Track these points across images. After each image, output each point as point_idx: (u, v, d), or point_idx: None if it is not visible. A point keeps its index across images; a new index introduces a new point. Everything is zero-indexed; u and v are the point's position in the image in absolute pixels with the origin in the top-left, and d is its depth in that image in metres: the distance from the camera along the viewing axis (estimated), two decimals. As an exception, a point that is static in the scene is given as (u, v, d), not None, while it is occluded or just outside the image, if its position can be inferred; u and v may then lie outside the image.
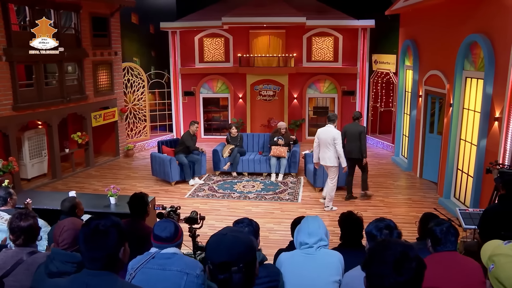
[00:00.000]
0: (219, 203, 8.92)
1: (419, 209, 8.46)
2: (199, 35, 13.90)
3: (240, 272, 1.69)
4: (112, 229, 1.92)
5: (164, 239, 2.93)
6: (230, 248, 1.70)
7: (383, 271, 1.66)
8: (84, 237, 1.91)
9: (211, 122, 14.71)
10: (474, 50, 7.74)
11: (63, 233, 2.75)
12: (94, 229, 1.90)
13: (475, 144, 7.70)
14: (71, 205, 4.55)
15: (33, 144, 10.30)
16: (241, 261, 1.69)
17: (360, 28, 13.30)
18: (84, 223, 1.97)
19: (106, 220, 1.94)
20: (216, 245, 1.72)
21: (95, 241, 1.89)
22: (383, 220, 3.00)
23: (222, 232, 1.78)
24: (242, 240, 1.74)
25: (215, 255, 1.70)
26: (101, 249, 1.89)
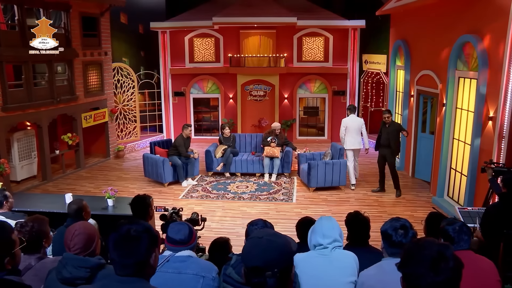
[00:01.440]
0: (214, 203, 8.88)
1: (413, 208, 8.55)
2: (189, 35, 13.82)
3: (275, 277, 1.66)
4: (144, 235, 1.86)
5: (178, 241, 2.88)
6: (264, 252, 1.67)
7: (420, 271, 1.65)
8: (115, 243, 1.85)
9: (201, 122, 14.63)
10: (467, 50, 7.83)
11: (74, 238, 2.68)
12: (126, 235, 1.84)
13: (469, 143, 7.78)
14: (77, 207, 4.47)
15: (23, 146, 10.12)
16: (275, 266, 1.66)
17: (350, 28, 13.36)
18: (115, 228, 1.91)
19: (137, 225, 1.88)
20: (251, 249, 1.69)
21: (126, 247, 1.83)
22: (398, 219, 3.00)
23: (258, 235, 1.75)
24: (278, 244, 1.71)
25: (249, 259, 1.67)
26: (132, 256, 1.83)
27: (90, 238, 2.72)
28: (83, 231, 2.71)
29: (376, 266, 2.95)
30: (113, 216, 5.79)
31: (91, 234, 2.74)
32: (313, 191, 9.46)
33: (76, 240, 2.67)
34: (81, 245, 2.67)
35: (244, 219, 8.05)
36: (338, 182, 9.49)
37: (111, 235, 1.88)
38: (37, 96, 9.75)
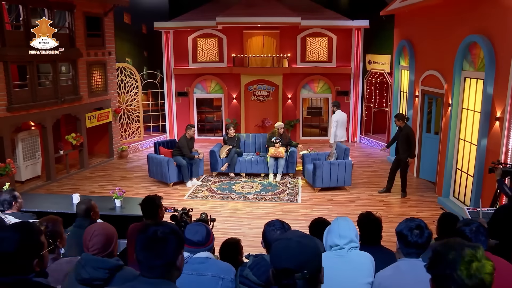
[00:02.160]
0: (219, 204, 8.86)
1: (419, 209, 8.54)
2: (192, 35, 13.80)
3: (304, 278, 1.65)
4: (171, 237, 1.85)
5: (196, 243, 2.87)
6: (294, 254, 1.66)
7: (452, 272, 1.64)
8: (142, 245, 1.83)
9: (204, 122, 14.62)
10: (473, 50, 7.82)
11: (93, 238, 2.67)
12: (153, 237, 1.83)
13: (475, 143, 7.77)
14: (86, 207, 4.46)
15: (27, 146, 10.10)
16: (305, 267, 1.65)
17: (354, 28, 13.35)
18: (141, 229, 1.90)
19: (164, 227, 1.87)
20: (280, 250, 1.68)
21: (154, 249, 1.82)
22: (413, 219, 2.98)
23: (287, 237, 1.73)
24: (308, 246, 1.70)
25: (278, 261, 1.66)
26: (160, 257, 1.82)
27: (108, 239, 2.71)
28: (102, 231, 2.70)
29: (392, 266, 2.94)
30: (121, 217, 5.77)
31: (109, 235, 2.73)
32: (318, 191, 9.44)
33: (95, 240, 2.66)
34: (99, 246, 2.66)
35: (250, 219, 8.06)
36: (343, 182, 9.48)
37: (137, 237, 1.87)
38: (42, 96, 9.73)
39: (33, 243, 1.90)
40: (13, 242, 1.83)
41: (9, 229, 1.91)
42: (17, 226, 1.94)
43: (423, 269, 2.80)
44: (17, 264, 1.85)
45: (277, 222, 2.97)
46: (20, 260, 1.86)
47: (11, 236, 1.84)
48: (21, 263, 1.86)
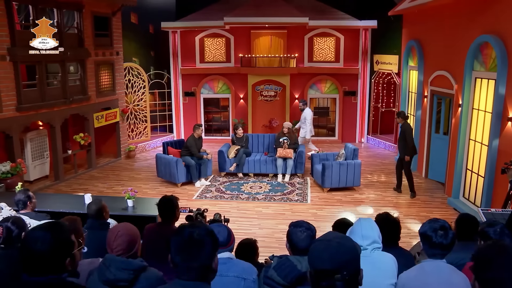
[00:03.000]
0: (228, 204, 8.85)
1: (429, 209, 8.50)
2: (200, 35, 13.80)
3: (343, 280, 1.64)
4: (208, 238, 1.84)
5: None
6: (334, 255, 1.65)
7: (503, 275, 1.61)
8: (179, 247, 1.82)
9: (211, 123, 14.60)
10: (484, 50, 7.78)
11: (117, 239, 2.66)
12: (189, 239, 1.81)
13: (486, 144, 7.73)
14: (97, 208, 4.45)
15: (35, 146, 10.11)
16: (345, 269, 1.64)
17: (361, 28, 13.32)
18: (176, 232, 1.88)
19: (200, 229, 1.86)
20: (320, 252, 1.66)
21: (190, 251, 1.81)
22: (437, 220, 2.96)
23: (327, 238, 1.72)
24: (347, 247, 1.68)
25: (318, 262, 1.65)
26: (196, 259, 1.80)
27: (132, 240, 2.70)
28: (126, 232, 2.68)
29: (416, 267, 2.92)
30: (133, 217, 5.76)
31: (133, 235, 2.72)
32: (327, 192, 9.42)
33: (119, 241, 2.64)
34: (124, 246, 2.65)
35: (260, 219, 8.05)
36: (352, 182, 9.45)
37: (173, 239, 1.86)
38: (50, 96, 9.74)
39: (65, 242, 1.90)
40: (46, 241, 1.83)
41: (40, 228, 1.90)
42: (49, 226, 1.93)
43: (448, 271, 2.80)
44: (51, 263, 1.84)
45: (304, 223, 2.94)
46: (53, 259, 1.85)
47: (44, 236, 1.84)
48: (54, 262, 1.86)
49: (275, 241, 7.10)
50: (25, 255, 1.86)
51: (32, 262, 1.84)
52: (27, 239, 1.86)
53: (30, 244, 1.84)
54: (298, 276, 2.69)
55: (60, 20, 9.88)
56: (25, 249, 1.86)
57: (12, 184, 7.50)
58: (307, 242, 2.83)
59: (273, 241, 7.05)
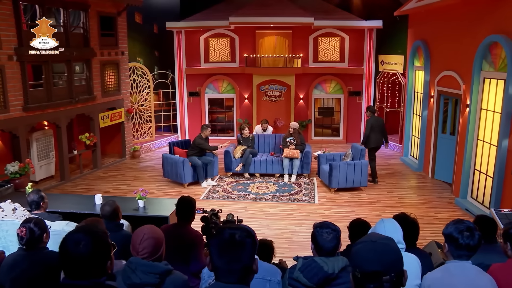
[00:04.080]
0: (236, 204, 8.83)
1: (436, 210, 8.49)
2: (204, 35, 13.78)
3: (391, 281, 1.62)
4: (249, 240, 1.81)
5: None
6: (382, 256, 1.63)
7: None
8: (220, 249, 1.78)
9: (215, 123, 14.58)
10: (493, 50, 7.76)
11: (143, 242, 2.63)
12: (230, 240, 1.78)
13: (495, 144, 7.72)
14: (112, 209, 4.44)
15: (41, 146, 10.09)
16: (392, 270, 1.62)
17: (366, 28, 13.30)
18: (216, 233, 1.85)
19: (241, 230, 1.83)
20: (367, 253, 1.65)
21: (232, 253, 1.77)
22: (462, 221, 2.95)
23: (371, 239, 1.70)
24: (393, 248, 1.67)
25: (365, 263, 1.63)
26: (238, 261, 1.77)
27: (158, 243, 2.68)
28: (152, 235, 2.66)
29: (442, 268, 2.91)
30: (144, 218, 5.74)
31: (159, 238, 2.70)
32: (334, 192, 9.41)
33: (145, 244, 2.62)
34: (150, 250, 2.62)
35: (268, 220, 8.03)
36: (359, 183, 9.44)
37: (213, 241, 1.82)
38: (56, 96, 9.72)
39: (105, 245, 1.87)
40: (88, 244, 1.80)
41: (80, 231, 1.87)
42: (89, 228, 1.90)
43: (474, 272, 2.79)
44: (93, 266, 1.82)
45: (330, 224, 2.92)
46: (96, 262, 1.82)
47: (85, 239, 1.81)
48: (97, 265, 1.83)
49: (285, 241, 7.09)
50: (66, 258, 1.83)
51: (73, 265, 1.81)
52: (68, 243, 1.83)
53: (71, 247, 1.81)
54: (325, 277, 2.67)
55: (66, 20, 9.86)
56: (66, 253, 1.82)
57: (20, 184, 7.49)
58: (333, 243, 2.81)
59: (282, 242, 7.03)
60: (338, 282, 2.72)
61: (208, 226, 4.52)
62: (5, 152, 9.43)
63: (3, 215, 4.53)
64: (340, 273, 2.73)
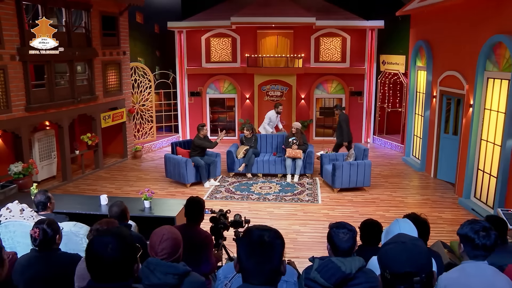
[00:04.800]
0: (239, 204, 8.81)
1: (440, 210, 8.49)
2: (206, 35, 13.75)
3: (421, 282, 1.61)
4: (278, 241, 1.79)
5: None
6: (413, 257, 1.62)
7: None
8: (249, 250, 1.76)
9: (216, 123, 14.55)
10: (497, 50, 7.77)
11: (162, 242, 2.61)
12: (260, 241, 1.76)
13: (498, 144, 7.73)
14: (120, 210, 4.43)
15: (43, 146, 10.06)
16: (423, 271, 1.61)
17: (368, 28, 13.30)
18: (244, 235, 1.83)
19: (269, 231, 1.81)
20: (398, 254, 1.63)
21: (262, 254, 1.75)
22: (477, 221, 2.94)
23: (401, 240, 1.69)
24: (423, 249, 1.66)
25: (396, 264, 1.62)
26: (267, 263, 1.75)
27: (177, 244, 2.67)
28: (171, 236, 2.64)
29: (458, 269, 2.90)
30: (150, 218, 5.72)
31: (178, 239, 2.68)
32: (338, 192, 9.40)
33: (164, 245, 2.60)
34: (169, 250, 2.61)
35: (273, 220, 8.01)
36: (362, 183, 9.44)
37: (241, 242, 1.80)
38: (59, 96, 9.69)
39: (132, 248, 1.84)
40: (116, 247, 1.77)
41: (107, 234, 1.85)
42: (115, 231, 1.87)
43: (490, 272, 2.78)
44: (121, 269, 1.80)
45: (346, 224, 2.91)
46: (124, 265, 1.80)
47: (113, 241, 1.78)
48: (125, 268, 1.81)
49: (289, 241, 7.07)
50: (94, 261, 1.80)
51: (101, 268, 1.79)
52: (96, 246, 1.80)
53: (99, 250, 1.79)
54: (343, 278, 2.66)
55: (69, 20, 9.83)
56: (94, 256, 1.80)
57: (24, 185, 7.45)
58: (349, 243, 2.80)
59: (287, 242, 6.85)
60: (355, 282, 2.71)
61: (217, 226, 4.51)
62: (7, 153, 9.40)
63: (11, 216, 4.52)
64: (357, 273, 2.72)
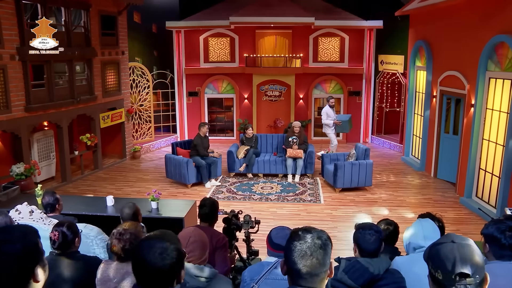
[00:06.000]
0: (242, 205, 8.77)
1: (442, 209, 8.49)
2: (204, 35, 13.70)
3: (475, 284, 1.60)
4: (328, 242, 1.77)
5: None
6: (467, 258, 1.60)
7: None
8: (301, 252, 1.72)
9: (215, 123, 14.51)
10: (499, 50, 7.81)
11: (189, 245, 2.58)
12: (312, 243, 1.73)
13: (501, 144, 7.77)
14: (132, 212, 4.36)
15: (42, 146, 9.97)
16: (477, 272, 1.60)
17: (366, 28, 13.33)
18: (293, 236, 1.80)
19: (320, 232, 1.78)
20: (451, 254, 1.62)
21: (314, 257, 1.72)
22: (502, 221, 2.93)
23: (451, 240, 1.67)
24: (476, 250, 1.64)
25: (450, 264, 1.60)
26: (319, 265, 1.72)
27: (204, 246, 2.63)
28: (198, 238, 2.61)
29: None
30: (158, 219, 5.67)
31: (205, 241, 2.65)
32: (339, 192, 9.41)
33: (191, 247, 2.57)
34: (196, 253, 2.57)
35: (276, 220, 7.97)
36: (364, 182, 9.45)
37: (291, 244, 1.76)
38: (58, 96, 9.60)
39: (179, 253, 1.79)
40: (164, 252, 1.72)
41: (153, 238, 1.79)
42: (164, 235, 1.80)
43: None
44: (169, 275, 1.75)
45: (373, 225, 2.89)
46: (172, 271, 1.75)
47: (161, 246, 1.72)
48: (171, 274, 1.76)
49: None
50: (142, 266, 1.75)
51: (148, 273, 1.74)
52: (144, 251, 1.74)
53: (148, 255, 1.73)
54: (371, 278, 2.65)
55: (68, 19, 9.73)
56: (141, 261, 1.74)
57: (26, 186, 7.37)
58: (375, 245, 2.79)
59: None
60: (383, 283, 2.70)
61: (230, 227, 4.47)
62: (5, 154, 9.29)
63: (20, 218, 4.44)
64: (384, 274, 2.71)
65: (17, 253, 1.55)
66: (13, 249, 1.54)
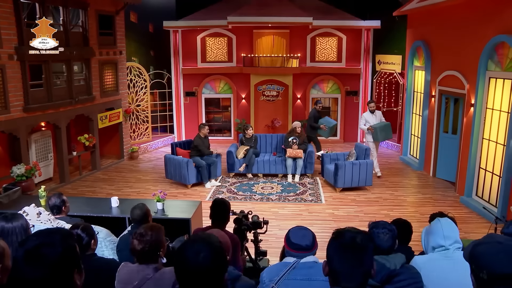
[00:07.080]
0: (243, 205, 8.74)
1: (443, 208, 8.49)
2: (201, 35, 13.66)
3: None
4: (370, 244, 1.75)
5: (304, 247, 2.78)
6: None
7: None
8: (342, 253, 1.71)
9: (212, 123, 14.45)
10: (500, 50, 7.85)
11: None
12: (352, 244, 1.71)
13: (502, 143, 7.82)
14: (143, 213, 4.34)
15: (40, 147, 9.87)
16: None
17: (363, 28, 13.36)
18: (335, 236, 1.78)
19: (361, 233, 1.77)
20: (497, 254, 1.60)
21: (355, 258, 1.71)
22: (525, 220, 2.95)
23: (496, 240, 1.66)
24: None
25: (497, 265, 1.58)
26: (360, 266, 1.71)
27: (227, 247, 2.61)
28: (222, 240, 2.58)
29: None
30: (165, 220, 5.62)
31: (227, 243, 2.63)
32: (340, 192, 9.42)
33: None
34: None
35: (279, 220, 7.98)
36: (364, 182, 9.47)
37: (333, 244, 1.75)
38: (56, 96, 9.51)
39: (223, 256, 1.76)
40: (208, 255, 1.68)
41: (197, 241, 1.75)
42: (204, 238, 1.78)
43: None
44: (212, 279, 1.72)
45: (386, 224, 2.90)
46: (215, 274, 1.72)
47: (205, 249, 1.69)
48: (216, 278, 1.73)
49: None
50: (184, 269, 1.72)
51: (191, 277, 1.71)
52: (187, 253, 1.71)
53: (190, 258, 1.70)
54: (388, 274, 2.65)
55: (66, 19, 9.65)
56: (184, 263, 1.71)
57: (27, 187, 7.30)
58: (389, 243, 2.81)
59: None
60: (400, 278, 2.70)
61: (240, 228, 4.45)
62: (2, 154, 9.19)
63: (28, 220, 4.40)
64: (401, 269, 2.71)
65: (58, 257, 1.52)
66: (54, 252, 1.52)
